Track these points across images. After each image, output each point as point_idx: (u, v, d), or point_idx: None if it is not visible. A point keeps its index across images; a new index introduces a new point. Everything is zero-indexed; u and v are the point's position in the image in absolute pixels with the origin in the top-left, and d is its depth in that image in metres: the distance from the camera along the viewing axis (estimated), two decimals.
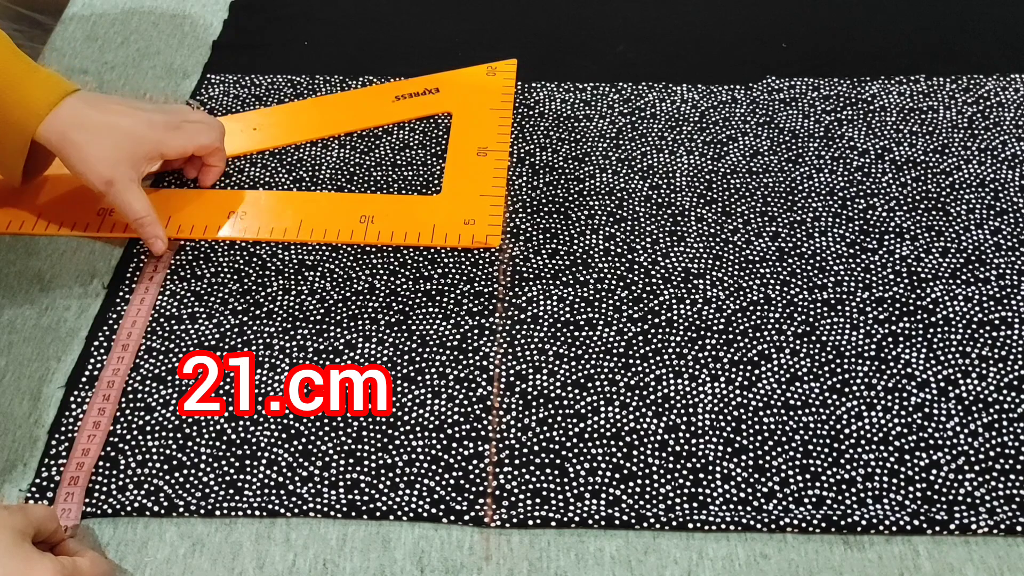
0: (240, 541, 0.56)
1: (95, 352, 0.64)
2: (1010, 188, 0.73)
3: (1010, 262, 0.68)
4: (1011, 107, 0.79)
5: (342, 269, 0.69)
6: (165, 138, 0.69)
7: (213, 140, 0.73)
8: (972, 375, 0.62)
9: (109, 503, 0.57)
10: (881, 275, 0.68)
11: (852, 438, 0.59)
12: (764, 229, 0.71)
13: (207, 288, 0.68)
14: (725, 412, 0.61)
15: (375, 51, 0.86)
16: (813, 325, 0.65)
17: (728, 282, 0.68)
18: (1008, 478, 0.57)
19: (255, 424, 0.61)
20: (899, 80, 0.81)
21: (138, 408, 0.62)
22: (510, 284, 0.68)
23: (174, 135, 0.70)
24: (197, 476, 0.58)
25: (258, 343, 0.65)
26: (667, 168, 0.75)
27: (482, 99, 0.81)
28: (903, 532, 0.55)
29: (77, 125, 0.65)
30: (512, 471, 0.58)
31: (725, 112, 0.79)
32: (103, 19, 0.90)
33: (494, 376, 0.63)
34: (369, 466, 0.59)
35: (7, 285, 0.69)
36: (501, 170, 0.76)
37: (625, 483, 0.57)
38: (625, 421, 0.60)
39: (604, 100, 0.81)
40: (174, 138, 0.70)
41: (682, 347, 0.64)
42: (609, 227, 0.71)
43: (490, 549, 0.55)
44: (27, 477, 0.59)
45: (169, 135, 0.69)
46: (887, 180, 0.74)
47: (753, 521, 0.55)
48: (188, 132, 0.71)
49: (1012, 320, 0.65)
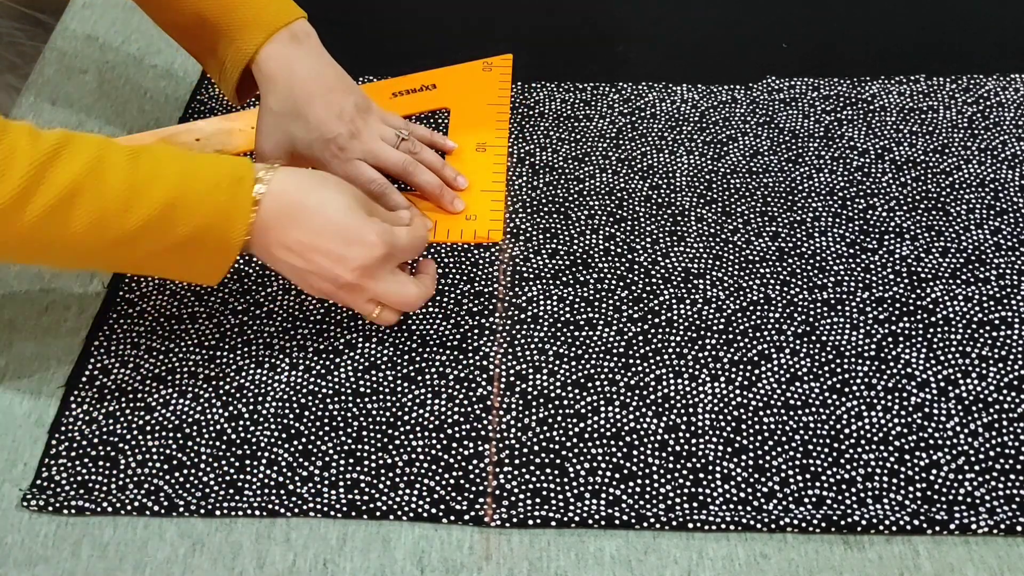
0: (240, 541, 0.56)
1: (95, 352, 0.64)
2: (1010, 188, 0.73)
3: (1010, 262, 0.68)
4: (1011, 107, 0.79)
5: None
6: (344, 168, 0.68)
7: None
8: (972, 375, 0.62)
9: (109, 502, 0.57)
10: (881, 275, 0.68)
11: (852, 438, 0.59)
12: (764, 229, 0.71)
13: (207, 288, 0.68)
14: (725, 412, 0.61)
15: (375, 51, 0.86)
16: (813, 325, 0.65)
17: (728, 282, 0.68)
18: (1008, 478, 0.57)
19: (255, 424, 0.61)
20: (899, 80, 0.81)
21: (138, 408, 0.62)
22: (510, 284, 0.68)
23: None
24: (197, 476, 0.58)
25: (258, 343, 0.65)
26: (667, 168, 0.75)
27: (479, 95, 0.81)
28: (903, 532, 0.55)
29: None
30: (512, 471, 0.58)
31: (725, 112, 0.79)
32: (103, 19, 0.90)
33: (494, 376, 0.63)
34: (369, 466, 0.59)
35: (7, 285, 0.69)
36: (500, 165, 0.76)
37: (625, 483, 0.57)
38: (625, 421, 0.60)
39: (604, 100, 0.81)
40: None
41: (682, 347, 0.64)
42: (609, 227, 0.71)
43: (490, 549, 0.55)
44: (27, 477, 0.59)
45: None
46: (887, 180, 0.74)
47: (753, 521, 0.55)
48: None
49: (1012, 320, 0.65)
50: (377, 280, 0.59)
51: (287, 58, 0.66)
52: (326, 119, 0.67)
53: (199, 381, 0.63)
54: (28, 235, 0.52)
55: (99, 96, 0.83)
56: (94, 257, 0.55)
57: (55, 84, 0.84)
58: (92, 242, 0.53)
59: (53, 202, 0.51)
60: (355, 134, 0.68)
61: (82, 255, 0.55)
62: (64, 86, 0.84)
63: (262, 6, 0.66)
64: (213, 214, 0.55)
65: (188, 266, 0.57)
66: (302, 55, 0.67)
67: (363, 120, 0.69)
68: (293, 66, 0.66)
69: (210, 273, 0.58)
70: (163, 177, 0.54)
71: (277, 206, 0.56)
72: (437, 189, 0.71)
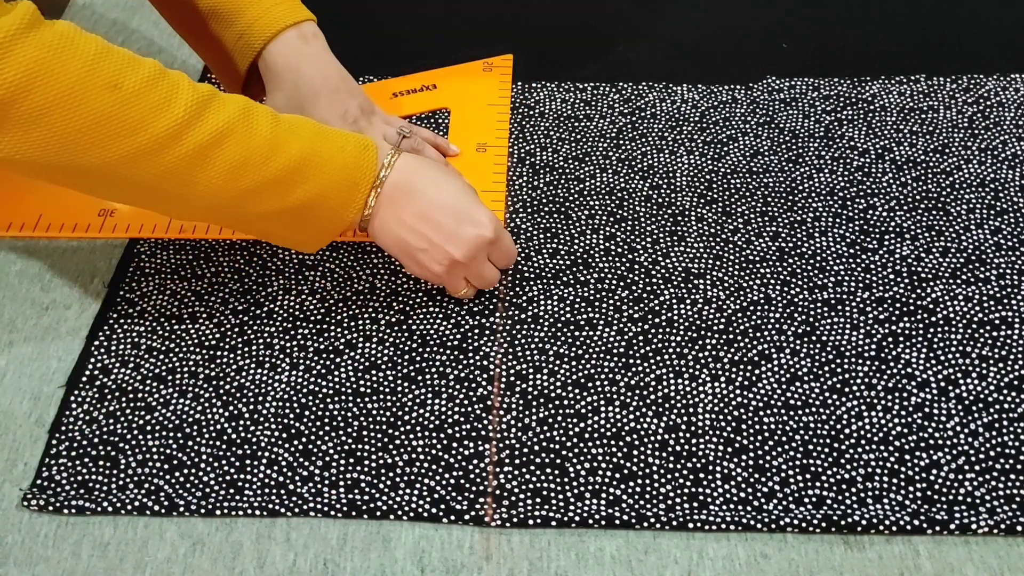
0: (240, 541, 0.56)
1: (95, 352, 0.64)
2: (1010, 188, 0.73)
3: (1010, 262, 0.68)
4: (1011, 107, 0.79)
5: (342, 269, 0.69)
6: None
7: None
8: (972, 375, 0.62)
9: (110, 502, 0.57)
10: (881, 275, 0.68)
11: (852, 438, 0.59)
12: (764, 229, 0.71)
13: (207, 288, 0.68)
14: (725, 412, 0.61)
15: (375, 51, 0.86)
16: (813, 325, 0.65)
17: (728, 282, 0.68)
18: (1008, 478, 0.57)
19: (255, 424, 0.61)
20: (899, 80, 0.81)
21: (138, 408, 0.62)
22: (510, 284, 0.68)
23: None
24: (197, 476, 0.58)
25: (258, 343, 0.65)
26: (667, 168, 0.75)
27: (479, 95, 0.81)
28: (903, 532, 0.55)
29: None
30: (512, 471, 0.58)
31: (725, 112, 0.79)
32: (103, 19, 0.90)
33: (494, 376, 0.63)
34: (369, 466, 0.59)
35: (7, 285, 0.69)
36: (501, 165, 0.76)
37: (625, 483, 0.57)
38: (625, 421, 0.60)
39: (604, 100, 0.81)
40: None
41: (682, 347, 0.64)
42: (609, 227, 0.71)
43: (490, 549, 0.55)
44: (27, 477, 0.59)
45: None
46: (887, 180, 0.74)
47: (753, 521, 0.55)
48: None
49: (1012, 320, 0.65)
50: (478, 262, 0.63)
51: (294, 56, 0.67)
52: (330, 118, 0.68)
53: (199, 381, 0.63)
54: (172, 170, 0.53)
55: None
56: (219, 205, 0.56)
57: None
58: (226, 187, 0.55)
59: (206, 139, 0.53)
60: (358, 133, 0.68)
61: (208, 202, 0.55)
62: None
63: (272, 4, 0.66)
64: (341, 173, 0.57)
65: (304, 227, 0.59)
66: (309, 54, 0.67)
67: (367, 120, 0.70)
68: (299, 64, 0.67)
69: (319, 238, 0.60)
70: (300, 136, 0.57)
71: (398, 180, 0.59)
72: None
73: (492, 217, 0.62)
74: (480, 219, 0.61)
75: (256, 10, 0.66)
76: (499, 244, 0.64)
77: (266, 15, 0.66)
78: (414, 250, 0.61)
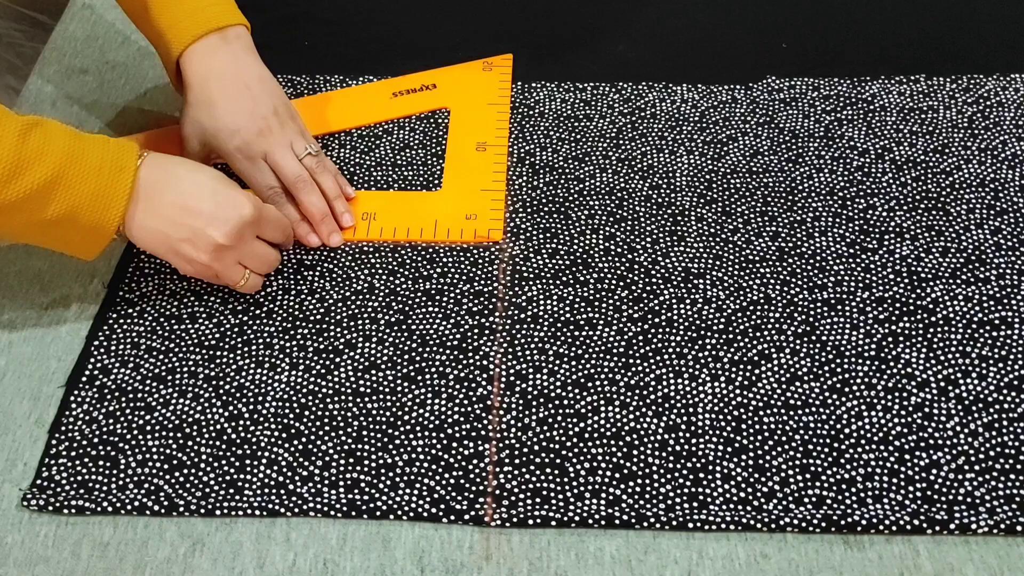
0: (240, 541, 0.56)
1: (95, 352, 0.64)
2: (1010, 188, 0.73)
3: (1010, 262, 0.68)
4: (1011, 107, 0.79)
5: (341, 268, 0.69)
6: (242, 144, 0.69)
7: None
8: (972, 375, 0.62)
9: (109, 502, 0.57)
10: (881, 275, 0.68)
11: (852, 438, 0.59)
12: (764, 229, 0.71)
13: (207, 288, 0.68)
14: (725, 412, 0.61)
15: (375, 51, 0.86)
16: (813, 325, 0.65)
17: (728, 282, 0.68)
18: (1008, 478, 0.57)
19: (255, 424, 0.61)
20: (899, 80, 0.81)
21: (138, 408, 0.62)
22: (510, 283, 0.68)
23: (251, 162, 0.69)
24: (197, 475, 0.58)
25: (258, 343, 0.65)
26: (667, 168, 0.75)
27: (479, 94, 0.81)
28: (903, 532, 0.55)
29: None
30: (512, 471, 0.58)
31: (725, 112, 0.79)
32: (103, 19, 0.90)
33: (494, 376, 0.63)
34: (369, 466, 0.59)
35: (7, 285, 0.69)
36: (501, 165, 0.76)
37: (625, 483, 0.57)
38: (625, 421, 0.60)
39: (604, 100, 0.81)
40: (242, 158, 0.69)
41: (682, 347, 0.64)
42: (609, 227, 0.71)
43: (490, 549, 0.55)
44: (27, 477, 0.59)
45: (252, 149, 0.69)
46: (887, 180, 0.74)
47: (753, 521, 0.55)
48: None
49: (1012, 320, 0.65)
50: (246, 242, 0.63)
51: (211, 56, 0.68)
52: (235, 111, 0.68)
53: (199, 381, 0.63)
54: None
55: (99, 96, 0.83)
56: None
57: (55, 84, 0.84)
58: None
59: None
60: (263, 132, 0.68)
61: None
62: (64, 86, 0.84)
63: (201, 8, 0.67)
64: (91, 196, 0.58)
65: (64, 240, 0.61)
66: (225, 54, 0.68)
67: (278, 123, 0.69)
68: (213, 62, 0.68)
69: (86, 250, 0.61)
70: (50, 154, 0.57)
71: (149, 175, 0.60)
72: (319, 215, 0.70)
73: (251, 196, 0.63)
74: (237, 199, 0.62)
75: (181, 11, 0.67)
76: (264, 220, 0.64)
77: (191, 18, 0.67)
78: (176, 242, 0.61)
